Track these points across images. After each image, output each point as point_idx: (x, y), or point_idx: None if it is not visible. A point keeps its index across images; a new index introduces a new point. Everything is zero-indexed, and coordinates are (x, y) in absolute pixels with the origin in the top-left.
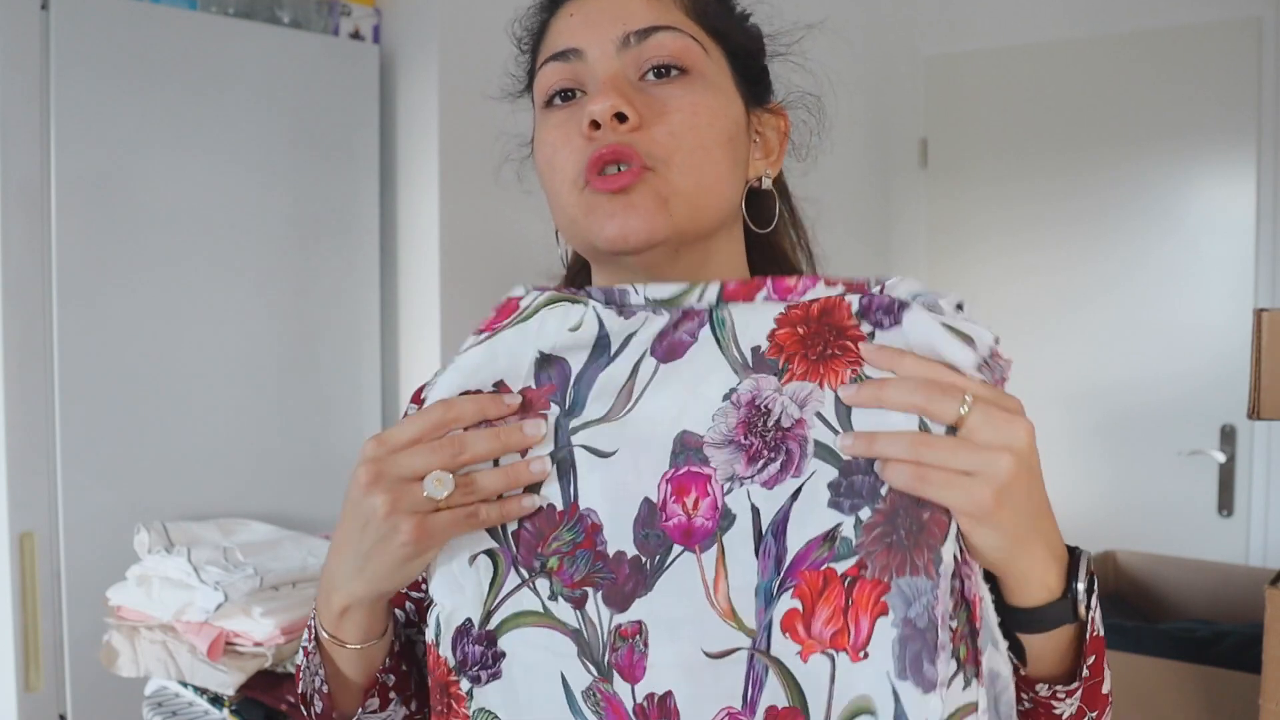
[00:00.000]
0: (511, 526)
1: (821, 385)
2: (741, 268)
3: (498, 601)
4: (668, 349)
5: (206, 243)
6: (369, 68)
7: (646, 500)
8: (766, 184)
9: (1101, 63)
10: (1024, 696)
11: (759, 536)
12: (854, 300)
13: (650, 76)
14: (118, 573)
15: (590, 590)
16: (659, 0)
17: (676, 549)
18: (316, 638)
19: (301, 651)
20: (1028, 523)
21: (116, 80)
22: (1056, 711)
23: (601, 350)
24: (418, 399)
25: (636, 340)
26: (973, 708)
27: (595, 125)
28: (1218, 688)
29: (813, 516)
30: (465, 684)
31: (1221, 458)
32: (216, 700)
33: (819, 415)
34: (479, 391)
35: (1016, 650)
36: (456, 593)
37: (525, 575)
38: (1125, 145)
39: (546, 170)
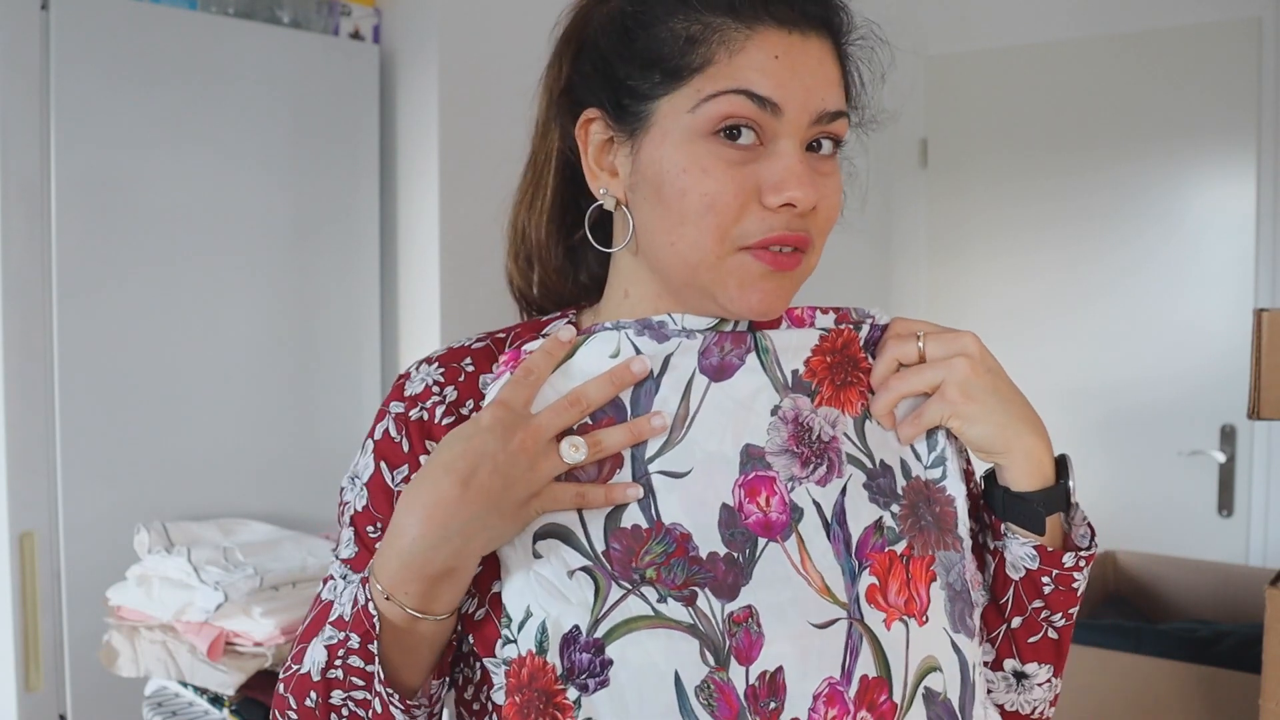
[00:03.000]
0: (600, 546)
1: (844, 412)
2: None
3: (605, 610)
4: (718, 369)
5: (207, 243)
6: (369, 68)
7: (724, 506)
8: None
9: (1101, 63)
10: (1045, 580)
11: (826, 525)
12: (863, 332)
13: (808, 147)
14: (118, 573)
15: (696, 589)
16: (842, 77)
17: (761, 541)
18: (379, 629)
19: (325, 654)
20: (1002, 407)
21: (116, 80)
22: (1074, 584)
23: (650, 375)
24: (411, 399)
25: (677, 361)
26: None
27: (790, 204)
28: (1218, 688)
29: (862, 508)
30: (573, 692)
31: (1221, 458)
32: (216, 700)
33: (846, 435)
34: None
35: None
36: (561, 601)
37: (629, 586)
38: (1125, 145)
39: (693, 199)
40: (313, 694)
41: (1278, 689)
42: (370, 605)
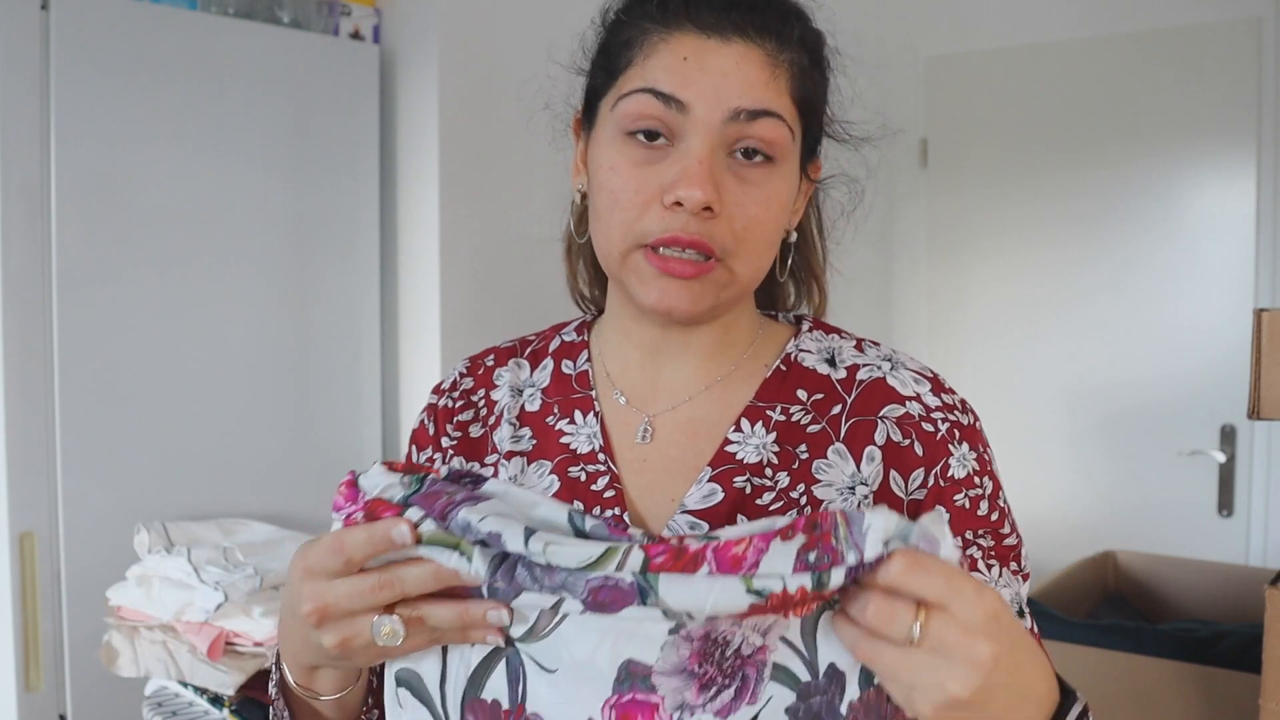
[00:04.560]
0: (455, 715)
1: (786, 615)
2: (751, 310)
3: None
4: (597, 603)
5: (206, 242)
6: (369, 68)
7: None
8: (793, 236)
9: (1101, 63)
10: None
11: None
12: (832, 579)
13: (739, 154)
14: (118, 573)
15: None
16: (774, 80)
17: None
18: (282, 686)
19: (270, 699)
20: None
21: (116, 80)
22: None
23: (512, 568)
24: (439, 390)
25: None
26: None
27: (679, 204)
28: (1218, 688)
29: None
30: None
31: (1221, 458)
32: (216, 700)
33: (783, 639)
34: None
35: None
36: None
37: None
38: (1125, 145)
39: (605, 196)
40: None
41: (1278, 689)
42: (272, 665)
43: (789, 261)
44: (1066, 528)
